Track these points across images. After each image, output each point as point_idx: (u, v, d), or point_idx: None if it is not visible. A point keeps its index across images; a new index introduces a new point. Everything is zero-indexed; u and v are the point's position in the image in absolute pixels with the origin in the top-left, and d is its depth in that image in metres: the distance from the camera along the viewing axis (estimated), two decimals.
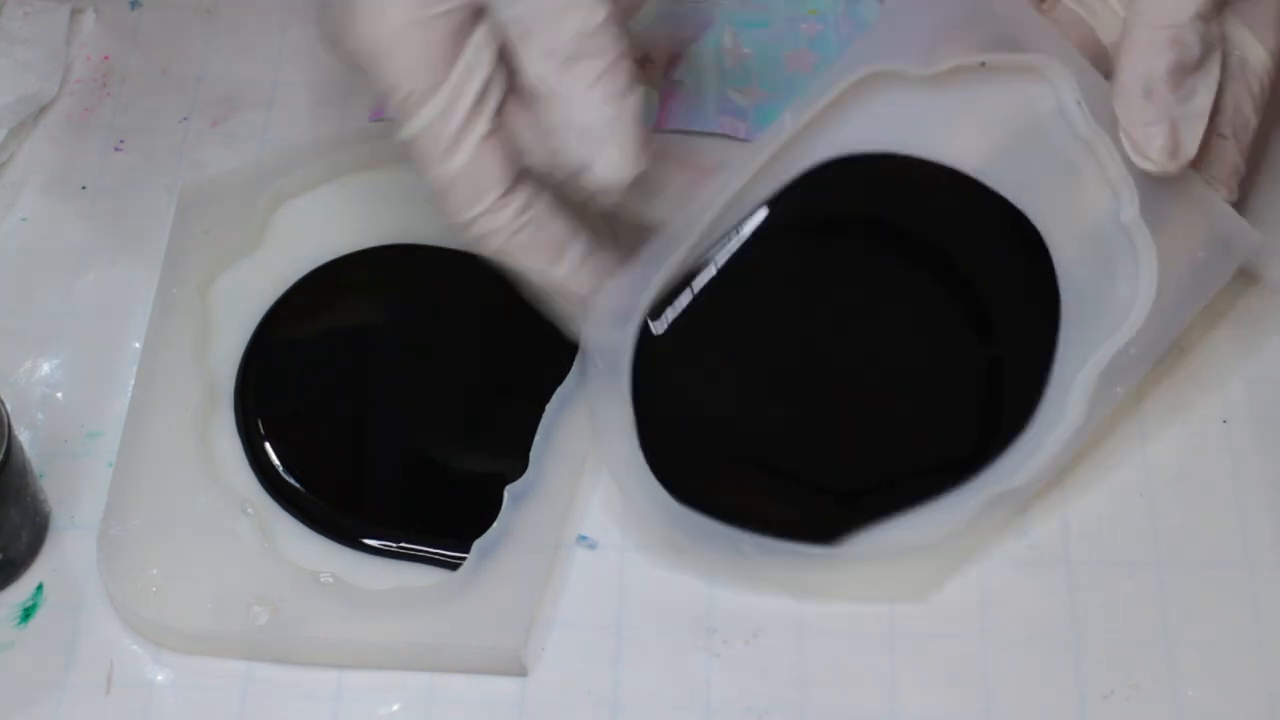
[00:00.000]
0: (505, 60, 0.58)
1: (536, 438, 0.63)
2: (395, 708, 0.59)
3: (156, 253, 0.69)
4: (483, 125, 0.58)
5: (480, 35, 0.57)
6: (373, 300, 0.67)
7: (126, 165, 0.72)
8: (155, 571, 0.61)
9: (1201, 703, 0.58)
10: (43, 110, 0.74)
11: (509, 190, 0.58)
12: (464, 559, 0.60)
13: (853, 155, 0.63)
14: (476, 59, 0.57)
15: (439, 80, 0.57)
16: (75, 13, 0.76)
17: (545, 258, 0.60)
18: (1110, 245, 0.61)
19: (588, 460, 0.63)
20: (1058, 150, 0.62)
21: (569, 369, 0.64)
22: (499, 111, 0.58)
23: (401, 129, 0.58)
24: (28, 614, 0.61)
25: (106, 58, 0.76)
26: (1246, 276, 0.66)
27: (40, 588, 0.62)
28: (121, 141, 0.73)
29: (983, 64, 0.62)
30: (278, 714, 0.59)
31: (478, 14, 0.57)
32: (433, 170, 0.58)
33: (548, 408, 0.63)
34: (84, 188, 0.72)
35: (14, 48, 0.74)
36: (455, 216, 0.59)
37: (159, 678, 0.60)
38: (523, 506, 0.62)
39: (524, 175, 0.59)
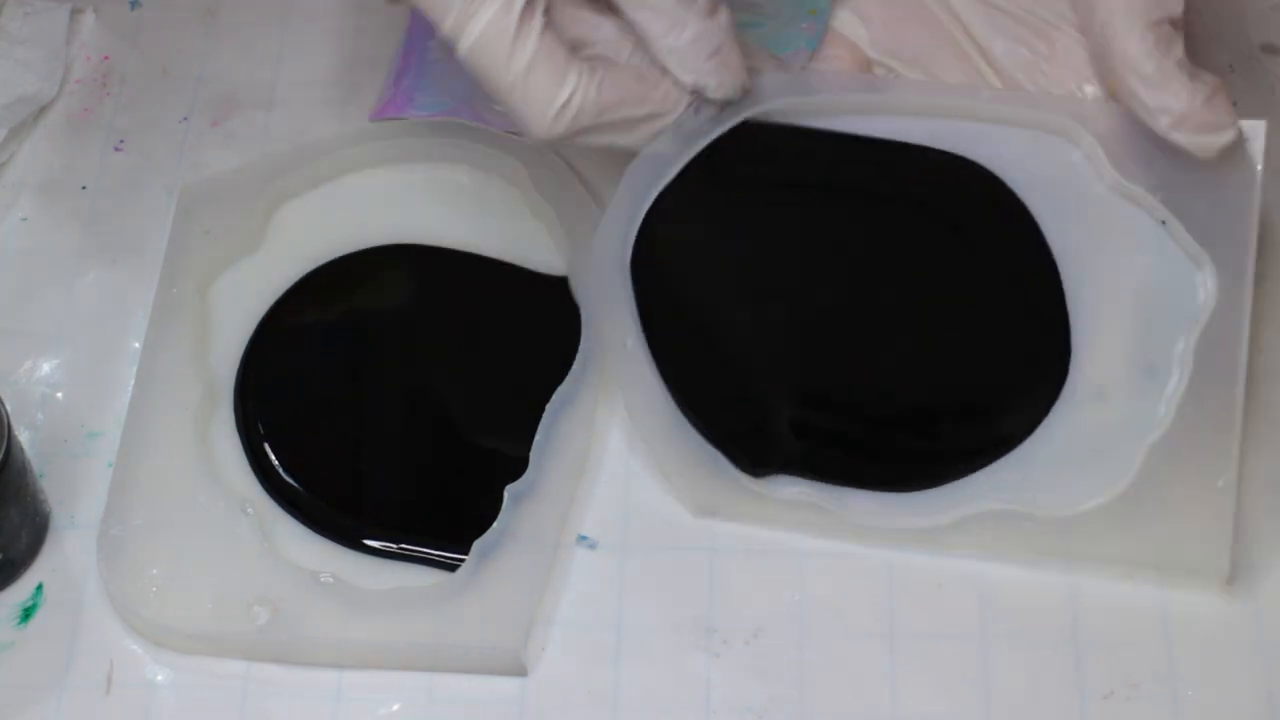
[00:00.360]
0: None
1: (536, 438, 0.63)
2: (395, 708, 0.59)
3: (156, 253, 0.69)
4: (539, 18, 0.58)
5: None
6: (373, 300, 0.67)
7: (126, 165, 0.72)
8: (155, 571, 0.61)
9: (1201, 703, 0.58)
10: (43, 110, 0.74)
11: (579, 71, 0.59)
12: (463, 560, 0.60)
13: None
14: None
15: None
16: (75, 13, 0.76)
17: (636, 100, 0.60)
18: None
19: (588, 460, 0.63)
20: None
21: (569, 369, 0.64)
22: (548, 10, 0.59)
23: (458, 45, 0.58)
24: (28, 614, 0.61)
25: (106, 58, 0.76)
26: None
27: (40, 588, 0.62)
28: (121, 141, 0.73)
29: None
30: (278, 714, 0.59)
31: None
32: (503, 73, 0.58)
33: (548, 408, 0.63)
34: (84, 188, 0.72)
35: (14, 48, 0.74)
36: (545, 109, 0.59)
37: (159, 678, 0.60)
38: (523, 506, 0.62)
39: (577, 52, 0.60)
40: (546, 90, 0.59)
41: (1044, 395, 0.61)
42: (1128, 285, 0.61)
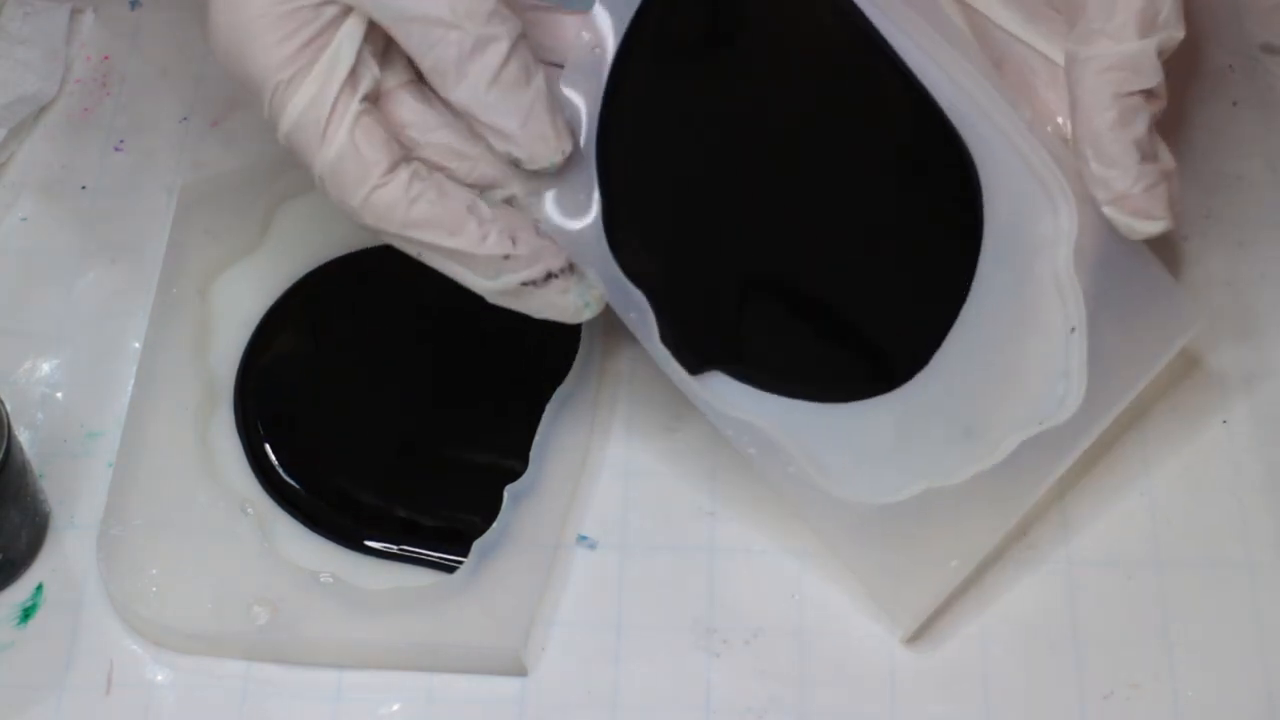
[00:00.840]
0: (395, 52, 0.58)
1: (536, 438, 0.63)
2: (395, 708, 0.59)
3: (156, 253, 0.69)
4: (356, 106, 0.57)
5: (348, 26, 0.57)
6: (373, 300, 0.67)
7: (126, 165, 0.72)
8: (155, 571, 0.61)
9: (1201, 703, 0.58)
10: (42, 110, 0.74)
11: (395, 166, 0.57)
12: (462, 561, 0.60)
13: None
14: (344, 46, 0.57)
15: (306, 64, 0.56)
16: (75, 13, 0.76)
17: (448, 227, 0.58)
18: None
19: (588, 460, 0.63)
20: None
21: (569, 369, 0.64)
22: (378, 100, 0.58)
23: (278, 127, 0.58)
24: (28, 614, 0.61)
25: (106, 58, 0.76)
26: (1245, 278, 0.67)
27: (40, 588, 0.62)
28: (121, 141, 0.73)
29: None
30: (278, 714, 0.59)
31: (344, 10, 0.57)
32: (315, 158, 0.57)
33: (548, 408, 0.63)
34: (84, 188, 0.72)
35: (14, 48, 0.74)
36: (348, 200, 0.57)
37: (159, 678, 0.60)
38: (523, 506, 0.62)
39: (409, 156, 0.58)
40: (349, 187, 0.57)
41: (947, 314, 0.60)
42: (1014, 348, 0.60)
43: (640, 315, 0.60)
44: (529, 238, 0.58)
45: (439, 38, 0.56)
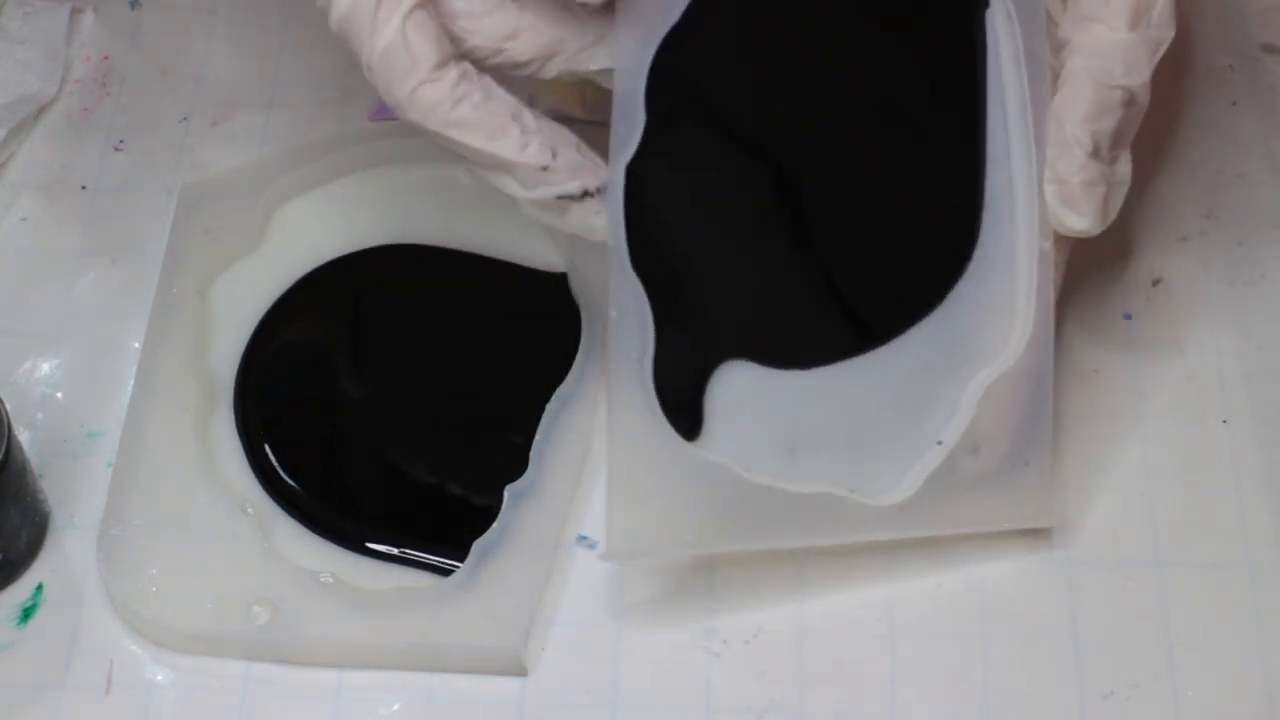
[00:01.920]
0: None
1: (536, 438, 0.63)
2: (395, 708, 0.59)
3: (156, 253, 0.69)
4: (407, 3, 0.57)
5: None
6: (373, 300, 0.67)
7: (126, 165, 0.72)
8: (155, 571, 0.61)
9: (1201, 703, 0.58)
10: (42, 110, 0.74)
11: (443, 64, 0.57)
12: (460, 564, 0.60)
13: None
14: None
15: None
16: (75, 13, 0.76)
17: (489, 131, 0.58)
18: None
19: (588, 460, 0.63)
20: None
21: (569, 369, 0.64)
22: None
23: (330, 15, 0.57)
24: (28, 614, 0.61)
25: (106, 58, 0.76)
26: (1245, 278, 0.67)
27: (40, 588, 0.62)
28: (121, 141, 0.73)
29: None
30: (278, 714, 0.59)
31: None
32: (364, 48, 0.57)
33: (548, 408, 0.63)
34: (84, 188, 0.72)
35: (14, 48, 0.74)
36: (394, 91, 0.57)
37: (159, 678, 0.60)
38: (523, 506, 0.62)
39: (460, 57, 0.58)
40: (396, 80, 0.57)
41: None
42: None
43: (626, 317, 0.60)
44: (569, 153, 0.59)
45: None
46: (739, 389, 0.60)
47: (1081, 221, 0.58)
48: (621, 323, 0.60)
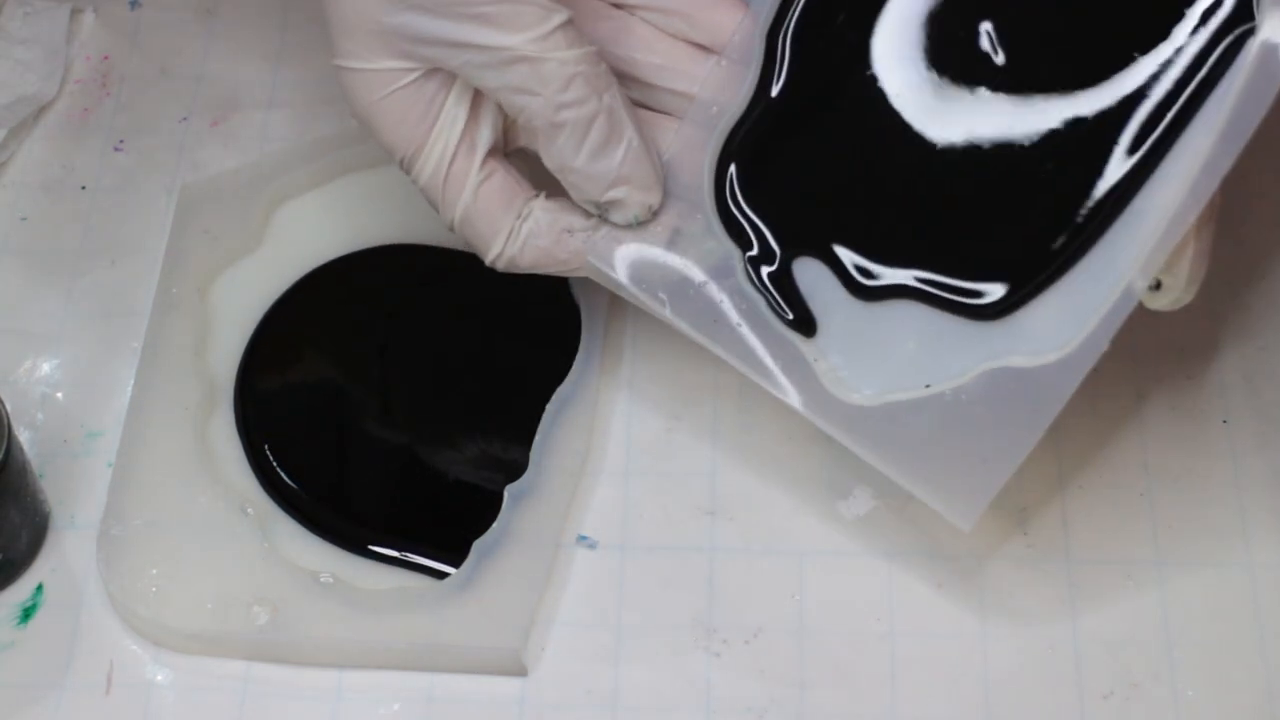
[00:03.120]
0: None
1: (536, 438, 0.63)
2: (395, 708, 0.59)
3: (156, 253, 0.69)
4: (474, 174, 0.60)
5: (454, 96, 0.59)
6: (373, 300, 0.67)
7: (126, 165, 0.72)
8: (155, 571, 0.61)
9: (1201, 703, 0.58)
10: (42, 110, 0.74)
11: (519, 219, 0.60)
12: (458, 568, 0.60)
13: None
14: (452, 120, 0.59)
15: (422, 143, 0.59)
16: (75, 13, 0.76)
17: (552, 261, 0.61)
18: None
19: (588, 460, 0.63)
20: None
21: (569, 369, 0.64)
22: (505, 148, 0.61)
23: (416, 183, 0.60)
24: (28, 614, 0.61)
25: (106, 58, 0.76)
26: (1245, 278, 0.67)
27: (40, 588, 0.62)
28: (121, 141, 0.73)
29: None
30: (278, 714, 0.59)
31: (448, 79, 0.59)
32: (446, 216, 0.60)
33: (548, 408, 0.63)
34: (84, 188, 0.72)
35: (14, 48, 0.74)
36: (485, 255, 0.61)
37: (159, 678, 0.60)
38: (523, 506, 0.62)
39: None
40: (482, 239, 0.60)
41: None
42: None
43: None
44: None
45: (523, 105, 0.58)
46: None
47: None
48: None
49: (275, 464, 0.63)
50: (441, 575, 0.61)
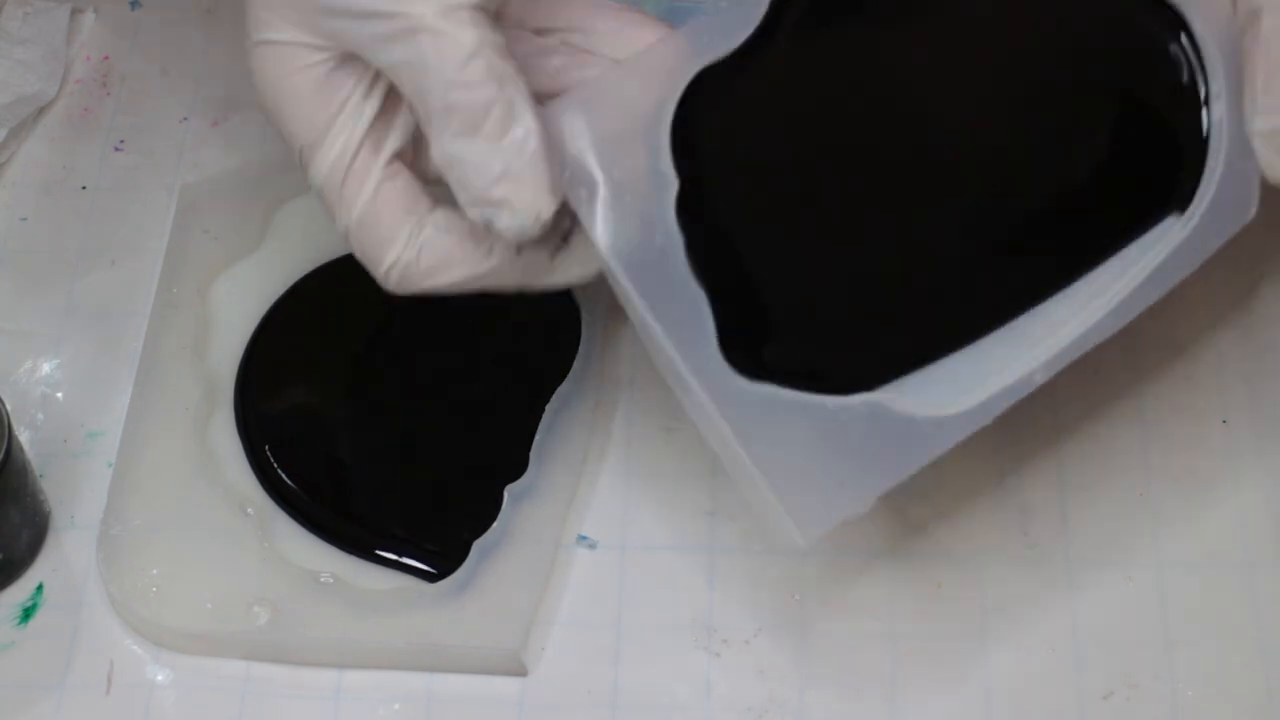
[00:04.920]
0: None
1: (536, 438, 0.63)
2: (395, 708, 0.59)
3: (156, 253, 0.69)
4: (377, 173, 0.55)
5: (364, 90, 0.55)
6: (373, 300, 0.67)
7: (126, 165, 0.72)
8: (155, 571, 0.61)
9: (1201, 703, 0.58)
10: (42, 110, 0.74)
11: (418, 225, 0.56)
12: (458, 568, 0.60)
13: None
14: (358, 112, 0.55)
15: (324, 131, 0.55)
16: (75, 13, 0.76)
17: (459, 265, 0.56)
18: None
19: (588, 460, 0.63)
20: None
21: (569, 369, 0.64)
22: (412, 149, 0.56)
23: (308, 180, 0.56)
24: (28, 614, 0.61)
25: (106, 58, 0.76)
26: (1246, 277, 0.67)
27: (40, 588, 0.62)
28: (121, 141, 0.73)
29: None
30: (278, 714, 0.59)
31: (362, 73, 0.55)
32: (338, 220, 0.56)
33: (548, 408, 0.63)
34: (84, 188, 0.72)
35: (14, 48, 0.74)
36: (375, 269, 0.56)
37: (159, 678, 0.60)
38: (523, 506, 0.62)
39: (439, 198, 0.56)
40: (379, 243, 0.55)
41: None
42: None
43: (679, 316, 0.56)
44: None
45: (419, 85, 0.53)
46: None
47: None
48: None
49: (275, 464, 0.63)
50: (441, 575, 0.61)
